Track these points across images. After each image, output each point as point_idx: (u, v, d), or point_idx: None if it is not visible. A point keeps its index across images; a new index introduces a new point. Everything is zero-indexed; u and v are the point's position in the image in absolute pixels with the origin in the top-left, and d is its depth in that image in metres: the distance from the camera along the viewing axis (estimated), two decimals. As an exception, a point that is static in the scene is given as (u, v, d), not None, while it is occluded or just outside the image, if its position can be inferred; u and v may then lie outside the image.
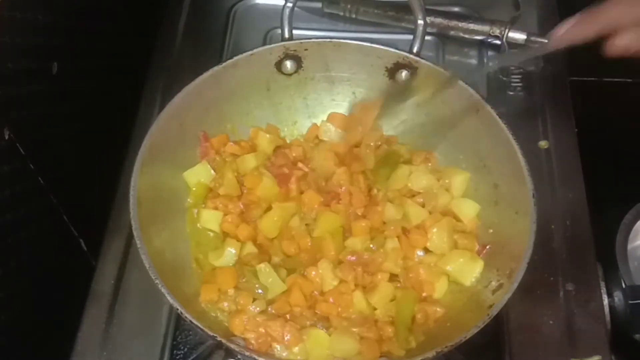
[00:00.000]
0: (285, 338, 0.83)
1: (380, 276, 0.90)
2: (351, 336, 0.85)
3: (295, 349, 0.84)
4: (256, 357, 0.78)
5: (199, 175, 0.96)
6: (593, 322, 0.95)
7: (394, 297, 0.89)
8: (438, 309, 0.87)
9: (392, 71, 0.99)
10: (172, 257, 0.88)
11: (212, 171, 0.97)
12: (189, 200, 0.95)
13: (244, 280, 0.88)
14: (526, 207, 0.85)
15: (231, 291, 0.87)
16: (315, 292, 0.89)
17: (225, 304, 0.87)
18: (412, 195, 0.97)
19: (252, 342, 0.83)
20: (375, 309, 0.88)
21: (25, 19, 0.91)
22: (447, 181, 0.97)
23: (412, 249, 0.92)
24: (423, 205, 0.95)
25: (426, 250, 0.93)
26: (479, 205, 0.95)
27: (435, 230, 0.92)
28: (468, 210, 0.95)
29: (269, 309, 0.87)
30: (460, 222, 0.94)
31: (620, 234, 1.07)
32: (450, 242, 0.92)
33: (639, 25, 0.77)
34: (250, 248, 0.91)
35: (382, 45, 0.98)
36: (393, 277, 0.91)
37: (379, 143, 1.00)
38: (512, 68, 1.19)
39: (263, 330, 0.83)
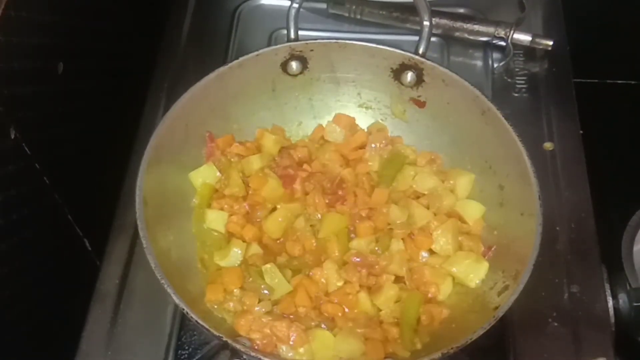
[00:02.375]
0: (291, 338, 0.83)
1: (385, 277, 0.90)
2: (356, 337, 0.85)
3: (301, 350, 0.84)
4: (262, 357, 0.78)
5: (204, 175, 0.96)
6: (598, 324, 0.95)
7: (399, 299, 0.89)
8: (443, 311, 0.87)
9: (398, 72, 0.99)
10: (177, 257, 0.88)
11: (218, 172, 0.97)
12: (194, 200, 0.95)
13: (249, 280, 0.88)
14: (532, 208, 0.85)
15: (237, 291, 0.87)
16: (321, 292, 0.89)
17: (231, 304, 0.87)
18: (417, 196, 0.97)
19: (258, 342, 0.83)
20: (380, 310, 0.88)
21: (32, 19, 0.91)
22: (452, 182, 0.97)
23: (417, 251, 0.92)
24: (428, 207, 0.95)
25: (431, 252, 0.93)
26: (484, 206, 0.95)
27: (440, 231, 0.92)
28: (473, 211, 0.95)
29: (274, 309, 0.87)
30: (466, 223, 0.94)
31: (626, 236, 1.06)
32: (456, 244, 0.92)
33: None
34: (255, 249, 0.91)
35: (388, 46, 0.97)
36: (398, 279, 0.91)
37: (384, 144, 1.00)
38: (517, 69, 1.19)
39: (268, 331, 0.83)
